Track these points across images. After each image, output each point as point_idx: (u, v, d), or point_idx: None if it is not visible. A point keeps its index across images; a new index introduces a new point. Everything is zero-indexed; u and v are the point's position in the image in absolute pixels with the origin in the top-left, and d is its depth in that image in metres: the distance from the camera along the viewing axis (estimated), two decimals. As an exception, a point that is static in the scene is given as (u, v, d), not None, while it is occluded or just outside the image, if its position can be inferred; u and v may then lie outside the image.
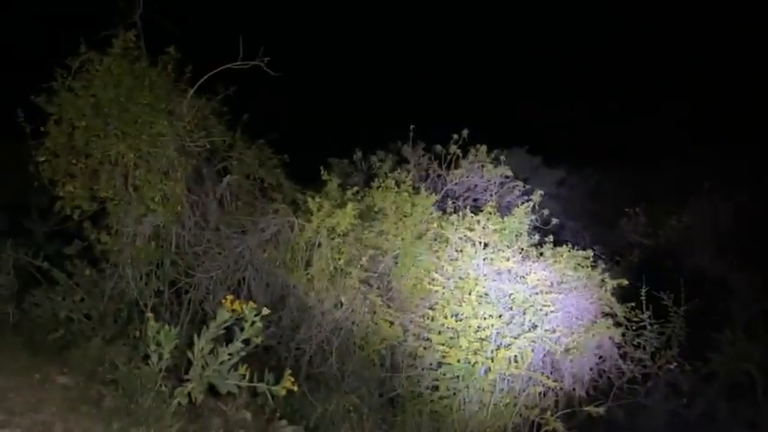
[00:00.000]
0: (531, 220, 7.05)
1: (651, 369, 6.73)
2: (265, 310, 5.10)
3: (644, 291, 7.00)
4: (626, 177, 11.89)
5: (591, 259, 6.52)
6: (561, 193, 11.30)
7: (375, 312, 6.09)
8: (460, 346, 6.03)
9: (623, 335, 6.60)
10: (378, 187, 6.67)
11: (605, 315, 6.43)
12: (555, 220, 8.04)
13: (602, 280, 6.43)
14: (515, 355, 6.05)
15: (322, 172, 6.83)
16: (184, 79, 6.16)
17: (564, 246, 6.54)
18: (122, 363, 4.93)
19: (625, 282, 6.77)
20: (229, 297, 5.00)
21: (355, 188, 6.55)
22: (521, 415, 6.07)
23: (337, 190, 6.70)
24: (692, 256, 8.35)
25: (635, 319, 6.75)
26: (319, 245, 6.10)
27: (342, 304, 6.02)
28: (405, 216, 6.56)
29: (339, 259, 5.99)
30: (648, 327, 6.87)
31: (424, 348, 6.13)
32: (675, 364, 6.68)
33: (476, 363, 6.05)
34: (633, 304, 6.76)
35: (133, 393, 4.66)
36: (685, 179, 10.46)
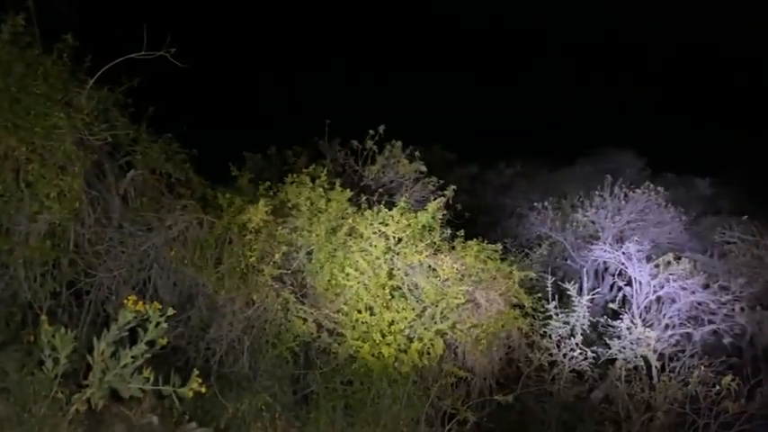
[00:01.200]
0: (444, 215, 7.19)
1: (557, 356, 7.04)
2: (171, 311, 4.94)
3: (550, 282, 7.32)
4: (537, 173, 12.37)
5: (500, 252, 6.72)
6: (475, 188, 11.61)
7: (288, 310, 6.02)
8: (374, 341, 6.08)
9: (531, 325, 6.87)
10: (292, 182, 6.58)
11: (514, 306, 6.65)
12: (467, 215, 8.30)
13: (511, 272, 6.65)
14: (427, 348, 6.16)
15: (232, 167, 6.68)
16: (83, 69, 5.82)
17: (474, 239, 6.70)
18: (14, 370, 4.63)
19: (533, 274, 7.04)
20: (132, 297, 4.81)
21: (268, 183, 6.44)
22: (433, 406, 6.18)
23: (249, 185, 6.57)
24: (596, 248, 8.75)
25: (541, 310, 7.04)
26: (230, 242, 5.96)
27: (254, 302, 5.90)
28: (319, 212, 6.51)
29: (251, 256, 5.87)
30: (554, 316, 7.19)
31: (339, 344, 6.13)
32: (579, 351, 7.02)
33: (389, 356, 6.11)
34: (540, 295, 7.05)
35: (26, 402, 4.40)
36: (593, 175, 10.97)
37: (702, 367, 6.91)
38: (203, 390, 4.85)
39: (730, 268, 8.61)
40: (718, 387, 6.64)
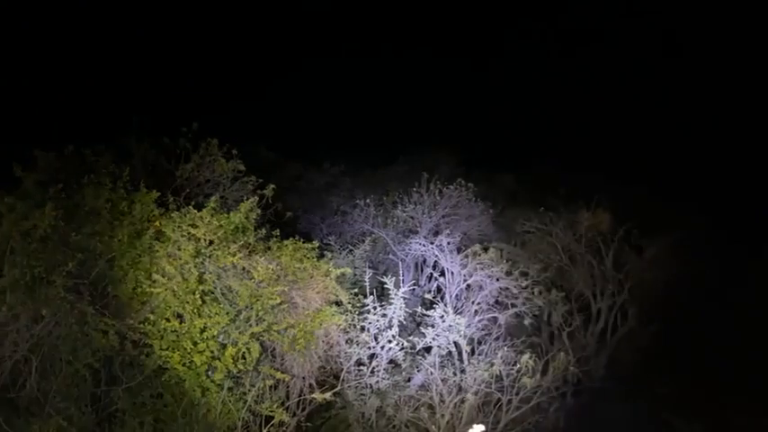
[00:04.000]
0: (263, 215, 7.07)
1: (375, 349, 7.23)
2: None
3: (368, 277, 7.49)
4: (361, 172, 12.62)
5: (317, 250, 6.74)
6: (300, 188, 11.57)
7: (86, 323, 5.52)
8: (185, 349, 5.80)
9: (350, 321, 6.98)
10: (89, 184, 6.06)
11: (332, 303, 6.71)
12: (288, 214, 8.24)
13: (328, 270, 6.70)
14: (243, 352, 6.00)
15: (15, 167, 5.98)
16: None
17: (291, 239, 6.65)
18: None
19: (349, 270, 7.16)
20: None
21: (60, 185, 5.85)
22: (251, 411, 6.04)
23: (37, 188, 5.93)
24: (413, 242, 9.15)
25: (359, 305, 7.18)
26: (11, 252, 5.32)
27: (43, 318, 5.32)
28: (121, 215, 6.07)
29: (37, 267, 5.29)
30: (372, 310, 7.37)
31: (146, 356, 5.75)
32: (396, 342, 7.27)
33: (202, 365, 5.87)
34: (356, 290, 7.19)
35: None
36: (412, 173, 11.43)
37: (505, 348, 7.50)
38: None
39: (530, 255, 9.44)
40: (518, 365, 7.23)
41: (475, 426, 5.13)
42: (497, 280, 8.34)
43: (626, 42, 15.52)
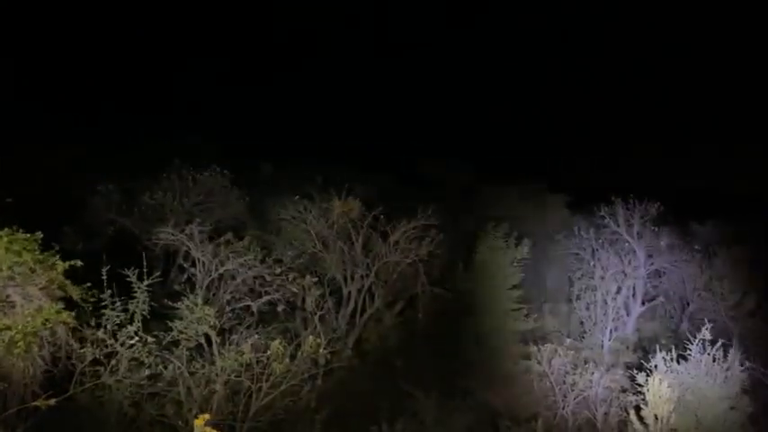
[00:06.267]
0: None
1: (114, 347, 6.67)
2: None
3: (105, 269, 6.87)
4: (104, 154, 11.56)
5: (39, 241, 5.99)
6: (34, 172, 10.22)
7: None
8: None
9: (81, 318, 6.34)
10: None
11: (59, 299, 6.03)
12: (8, 200, 7.19)
13: (54, 263, 6.00)
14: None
15: None
16: None
17: (6, 228, 5.81)
18: None
19: (80, 262, 6.48)
20: None
21: None
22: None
23: None
24: (161, 231, 8.65)
25: (93, 300, 6.56)
26: None
27: None
28: None
29: None
30: (111, 305, 6.78)
31: None
32: (138, 338, 6.79)
33: None
34: (90, 284, 6.54)
35: None
36: (158, 157, 10.75)
37: (256, 336, 7.50)
38: None
39: (284, 242, 9.58)
40: (269, 351, 7.28)
41: (203, 415, 4.97)
42: (251, 268, 8.30)
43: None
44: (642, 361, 8.61)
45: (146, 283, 7.08)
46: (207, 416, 4.91)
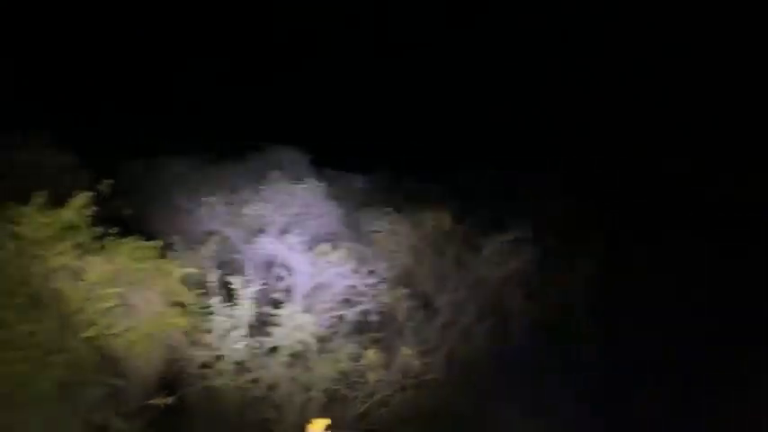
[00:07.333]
0: (101, 212, 6.60)
1: (222, 351, 7.05)
2: None
3: (215, 277, 7.29)
4: (207, 168, 12.13)
5: (158, 249, 6.43)
6: (142, 185, 10.88)
7: None
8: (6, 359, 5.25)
9: (193, 322, 6.74)
10: None
11: (174, 304, 6.44)
12: (129, 211, 7.73)
13: (171, 270, 6.42)
14: (75, 359, 5.56)
15: None
16: None
17: (130, 237, 6.28)
18: None
19: (194, 270, 6.91)
20: None
21: None
22: (86, 421, 5.62)
23: None
24: (262, 241, 9.00)
25: (204, 306, 6.96)
26: None
27: None
28: None
29: None
30: (218, 311, 7.17)
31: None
32: (243, 343, 7.13)
33: (27, 374, 5.35)
34: (204, 291, 6.95)
35: None
36: (261, 170, 11.18)
37: (354, 344, 7.67)
38: None
39: (377, 254, 9.71)
40: (364, 361, 7.44)
41: (320, 419, 5.16)
42: (345, 278, 8.50)
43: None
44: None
45: (250, 290, 7.45)
46: (327, 420, 5.09)
